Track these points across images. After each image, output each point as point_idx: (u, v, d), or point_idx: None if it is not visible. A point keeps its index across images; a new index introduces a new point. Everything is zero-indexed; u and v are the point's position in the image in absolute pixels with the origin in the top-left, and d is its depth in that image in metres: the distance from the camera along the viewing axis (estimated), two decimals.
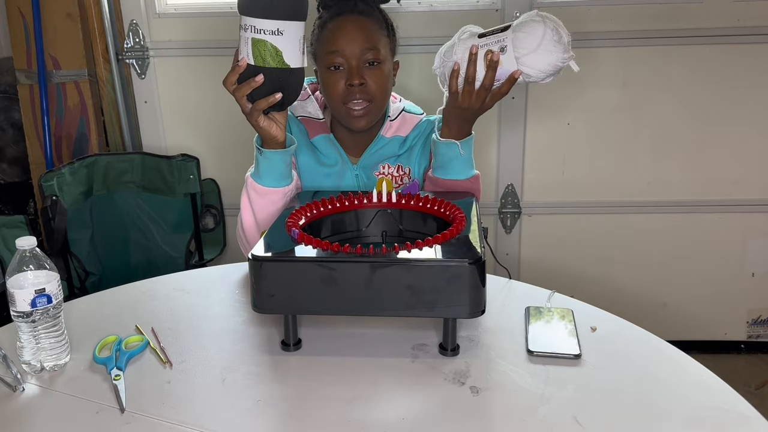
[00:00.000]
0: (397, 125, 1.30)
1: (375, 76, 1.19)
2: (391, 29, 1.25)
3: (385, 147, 1.30)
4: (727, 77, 1.96)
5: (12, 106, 2.08)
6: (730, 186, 2.06)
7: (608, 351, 0.90)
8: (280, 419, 0.78)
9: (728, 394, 0.80)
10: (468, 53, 1.07)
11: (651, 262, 2.13)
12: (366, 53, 1.18)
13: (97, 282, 1.85)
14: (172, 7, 2.03)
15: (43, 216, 1.68)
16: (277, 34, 0.99)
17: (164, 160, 1.89)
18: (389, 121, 1.30)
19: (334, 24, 1.20)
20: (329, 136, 1.30)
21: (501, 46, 1.06)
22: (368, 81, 1.19)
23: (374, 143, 1.29)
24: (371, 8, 1.22)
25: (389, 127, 1.30)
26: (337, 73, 1.19)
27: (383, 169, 1.30)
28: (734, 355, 2.18)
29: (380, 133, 1.29)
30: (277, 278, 0.85)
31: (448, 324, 0.88)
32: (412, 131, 1.31)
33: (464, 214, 0.98)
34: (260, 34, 0.99)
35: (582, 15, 1.93)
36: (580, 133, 2.03)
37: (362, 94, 1.19)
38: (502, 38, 1.06)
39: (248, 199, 1.19)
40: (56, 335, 0.87)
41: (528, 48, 1.05)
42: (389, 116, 1.30)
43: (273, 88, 1.03)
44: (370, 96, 1.20)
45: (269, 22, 0.98)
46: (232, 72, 1.05)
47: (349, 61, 1.18)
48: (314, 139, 1.30)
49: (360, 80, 1.18)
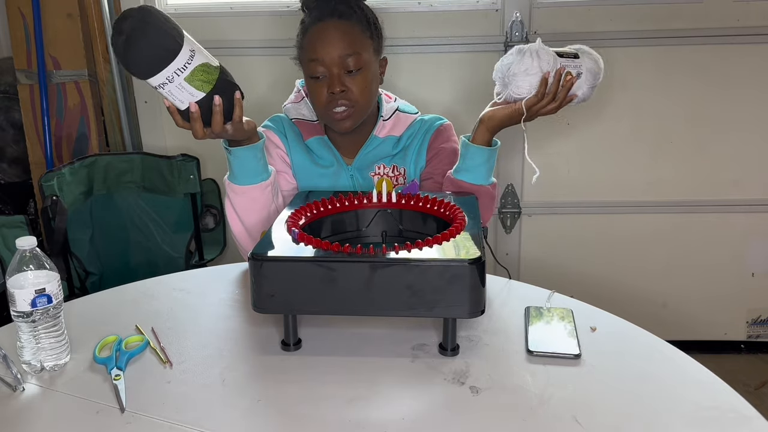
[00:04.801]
0: (391, 125, 1.30)
1: (357, 83, 1.19)
2: (375, 28, 1.23)
3: (379, 147, 1.30)
4: (727, 77, 1.96)
5: (12, 106, 2.08)
6: (730, 186, 2.06)
7: (608, 351, 0.90)
8: (280, 419, 0.79)
9: (728, 394, 0.80)
10: (555, 61, 1.13)
11: (651, 262, 2.13)
12: (346, 60, 1.17)
13: (97, 282, 1.85)
14: (172, 7, 2.03)
15: (44, 216, 1.68)
16: (186, 66, 0.97)
17: (164, 160, 1.89)
18: (383, 121, 1.30)
19: (314, 30, 1.19)
20: (323, 137, 1.31)
21: (578, 72, 1.16)
22: (350, 88, 1.19)
23: (368, 143, 1.29)
24: (352, 9, 1.20)
25: (382, 127, 1.30)
26: (319, 82, 1.20)
27: (378, 170, 1.31)
28: (734, 355, 2.18)
29: (373, 134, 1.29)
30: (277, 278, 0.85)
31: (447, 324, 0.88)
32: (406, 131, 1.31)
33: (464, 214, 0.98)
34: (169, 86, 0.98)
35: (582, 15, 1.93)
36: (580, 133, 2.03)
37: (344, 100, 1.19)
38: (578, 65, 1.16)
39: (230, 202, 1.20)
40: (56, 335, 0.87)
41: (589, 80, 1.18)
42: (382, 116, 1.30)
43: (221, 94, 1.02)
44: (353, 102, 1.20)
45: (170, 67, 0.96)
46: (194, 121, 1.02)
47: (330, 69, 1.18)
48: (308, 140, 1.31)
49: (341, 88, 1.18)
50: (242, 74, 2.13)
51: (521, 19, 1.93)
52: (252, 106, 1.43)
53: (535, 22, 1.94)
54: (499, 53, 1.96)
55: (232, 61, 2.04)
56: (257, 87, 1.97)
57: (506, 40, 1.94)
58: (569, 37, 1.92)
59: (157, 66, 0.96)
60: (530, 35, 1.94)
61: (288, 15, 1.95)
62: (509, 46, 1.94)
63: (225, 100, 1.03)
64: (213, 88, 1.01)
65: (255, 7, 1.99)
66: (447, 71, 1.99)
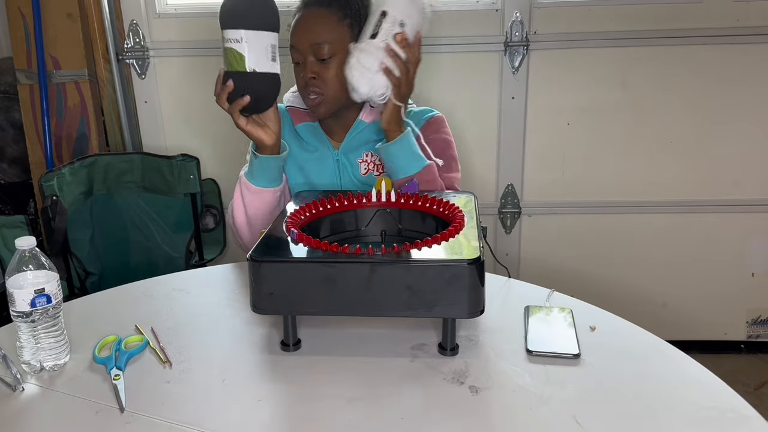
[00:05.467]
0: (378, 110, 1.32)
1: (328, 71, 1.22)
2: (357, 14, 1.24)
3: (364, 131, 1.32)
4: (726, 77, 1.96)
5: (12, 106, 2.08)
6: (730, 186, 2.06)
7: (608, 351, 0.90)
8: (280, 419, 0.79)
9: (728, 394, 0.80)
10: (381, 51, 1.15)
11: (651, 262, 2.13)
12: (317, 49, 1.21)
13: (97, 282, 1.85)
14: (172, 7, 2.04)
15: (43, 216, 1.68)
16: (240, 42, 1.08)
17: (164, 160, 1.89)
18: (369, 107, 1.32)
19: (297, 18, 1.25)
20: (313, 123, 1.34)
21: (399, 23, 1.16)
22: (321, 75, 1.23)
23: (353, 128, 1.32)
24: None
25: (369, 113, 1.32)
26: (297, 67, 1.25)
27: (366, 157, 1.33)
28: (734, 355, 2.18)
29: (359, 118, 1.32)
30: (276, 279, 0.85)
31: (447, 324, 0.88)
32: None
33: (463, 213, 0.98)
34: (227, 43, 1.10)
35: (582, 15, 1.93)
36: (580, 133, 2.03)
37: (315, 87, 1.23)
38: (394, 17, 1.15)
39: (241, 196, 1.26)
40: (56, 335, 0.87)
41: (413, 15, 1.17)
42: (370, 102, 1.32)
43: (243, 91, 1.12)
44: (322, 89, 1.23)
45: (233, 31, 1.08)
46: (216, 83, 1.14)
47: (304, 56, 1.23)
48: (298, 126, 1.35)
49: (312, 75, 1.23)
50: None
51: (521, 19, 1.93)
52: None
53: (535, 22, 1.94)
54: (499, 53, 1.96)
55: None
56: None
57: (506, 40, 1.94)
58: (569, 37, 1.94)
59: (231, 23, 1.09)
60: (530, 35, 1.94)
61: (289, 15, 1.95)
62: (509, 46, 1.94)
63: (236, 90, 1.11)
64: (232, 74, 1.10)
65: None
66: (447, 71, 1.99)
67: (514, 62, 1.96)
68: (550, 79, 1.98)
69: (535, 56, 1.96)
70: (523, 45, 1.95)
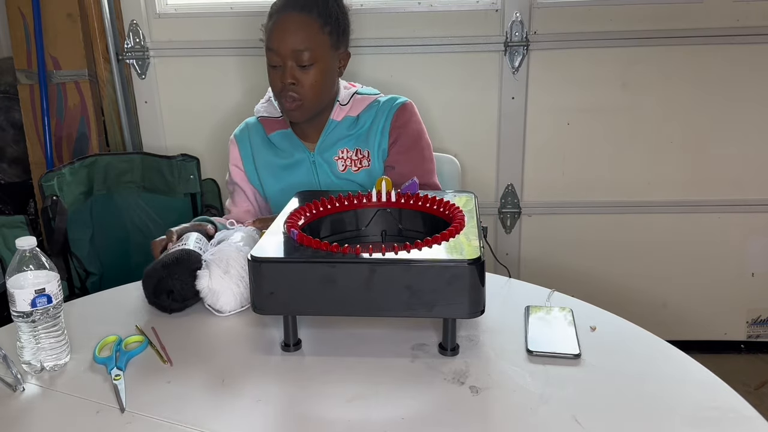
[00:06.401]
0: (348, 108, 1.34)
1: (308, 77, 1.23)
2: (336, 22, 1.25)
3: (337, 129, 1.33)
4: (727, 77, 1.96)
5: (12, 106, 2.08)
6: (730, 186, 2.06)
7: (608, 351, 0.90)
8: (280, 419, 0.79)
9: (728, 394, 0.80)
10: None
11: (651, 262, 2.13)
12: (299, 55, 1.21)
13: (97, 282, 1.85)
14: (172, 7, 2.03)
15: (44, 216, 1.68)
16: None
17: (164, 160, 1.89)
18: (339, 106, 1.33)
19: (275, 19, 1.23)
20: (286, 130, 1.35)
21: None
22: (301, 81, 1.23)
23: (326, 128, 1.33)
24: (315, 2, 1.22)
25: (340, 111, 1.33)
26: (274, 70, 1.25)
27: (342, 154, 1.33)
28: (734, 355, 2.18)
29: (330, 118, 1.32)
30: (277, 279, 0.85)
31: (447, 324, 0.88)
32: (363, 111, 1.34)
33: (464, 213, 0.98)
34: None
35: (582, 15, 1.93)
36: (580, 133, 2.03)
37: (293, 93, 1.23)
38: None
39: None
40: (56, 335, 0.87)
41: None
42: (339, 101, 1.33)
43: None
44: (301, 95, 1.24)
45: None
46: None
47: (283, 60, 1.22)
48: (271, 135, 1.36)
49: (292, 80, 1.22)
50: (242, 74, 2.13)
51: (521, 19, 1.93)
52: (254, 103, 1.44)
53: (535, 22, 1.94)
54: (499, 53, 1.96)
55: (232, 61, 2.05)
56: (258, 86, 1.97)
57: (506, 40, 1.94)
58: (569, 37, 1.94)
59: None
60: (530, 35, 1.94)
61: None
62: (509, 46, 1.94)
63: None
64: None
65: (255, 7, 1.98)
66: (447, 71, 1.99)
67: (514, 62, 1.96)
68: (550, 80, 1.98)
69: (535, 56, 1.96)
70: (523, 45, 1.94)
